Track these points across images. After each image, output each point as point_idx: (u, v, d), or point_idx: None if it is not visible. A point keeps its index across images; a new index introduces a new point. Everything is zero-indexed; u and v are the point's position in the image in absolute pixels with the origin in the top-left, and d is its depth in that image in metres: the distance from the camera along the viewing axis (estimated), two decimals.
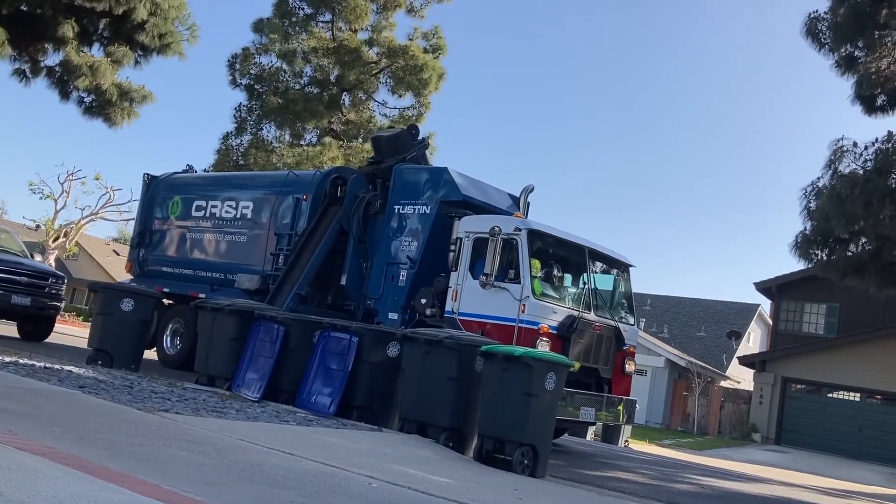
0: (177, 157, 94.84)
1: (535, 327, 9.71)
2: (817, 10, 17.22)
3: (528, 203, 11.59)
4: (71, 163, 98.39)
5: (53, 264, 31.92)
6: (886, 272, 15.43)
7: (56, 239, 36.46)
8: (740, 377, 34.26)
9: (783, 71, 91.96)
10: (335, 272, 12.20)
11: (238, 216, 13.52)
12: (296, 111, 24.54)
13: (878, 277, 15.45)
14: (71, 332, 20.10)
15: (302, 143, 25.56)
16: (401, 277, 11.32)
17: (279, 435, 6.76)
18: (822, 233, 15.39)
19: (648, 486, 9.64)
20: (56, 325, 14.66)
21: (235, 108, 25.86)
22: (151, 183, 15.46)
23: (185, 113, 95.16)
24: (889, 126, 20.73)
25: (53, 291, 13.49)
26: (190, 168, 16.33)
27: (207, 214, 14.04)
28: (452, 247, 10.63)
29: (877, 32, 16.66)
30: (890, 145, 16.27)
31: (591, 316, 10.42)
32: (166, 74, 79.19)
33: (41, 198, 37.18)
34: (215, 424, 6.65)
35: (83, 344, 11.88)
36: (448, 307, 10.46)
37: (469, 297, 10.28)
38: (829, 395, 25.72)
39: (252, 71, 25.37)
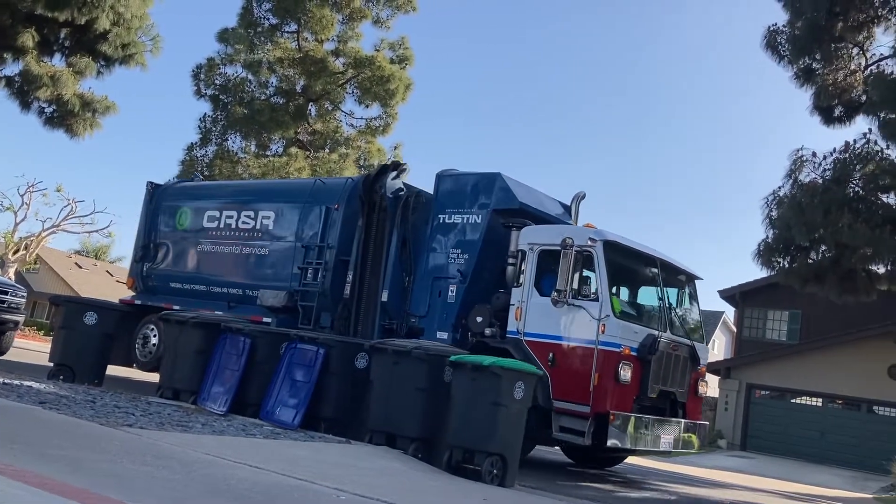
0: (140, 168, 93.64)
1: (617, 350, 8.86)
2: (776, 24, 17.61)
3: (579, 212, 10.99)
4: (32, 174, 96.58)
5: (13, 277, 31.30)
6: (845, 279, 15.76)
7: (16, 251, 35.77)
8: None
9: (748, 81, 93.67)
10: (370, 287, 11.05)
11: (258, 227, 12.39)
12: (261, 121, 24.41)
13: (837, 284, 15.79)
14: (31, 346, 19.70)
15: (268, 153, 25.42)
16: (449, 293, 10.28)
17: (246, 448, 6.68)
18: (783, 241, 15.70)
19: (617, 494, 9.71)
20: (15, 339, 14.35)
21: (200, 119, 25.67)
22: (155, 192, 14.21)
23: (148, 124, 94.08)
24: (847, 136, 21.21)
25: (13, 305, 13.22)
26: (196, 177, 15.58)
27: (222, 225, 12.85)
28: (511, 260, 9.80)
29: (833, 45, 17.07)
30: (847, 155, 16.65)
31: (668, 335, 9.62)
32: (129, 85, 78.29)
33: (0, 210, 36.54)
34: (180, 439, 6.55)
35: (44, 359, 11.63)
36: (511, 327, 9.52)
37: (536, 315, 9.37)
38: (793, 400, 26.11)
39: (217, 81, 25.20)
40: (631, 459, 17.42)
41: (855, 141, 16.74)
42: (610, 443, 8.63)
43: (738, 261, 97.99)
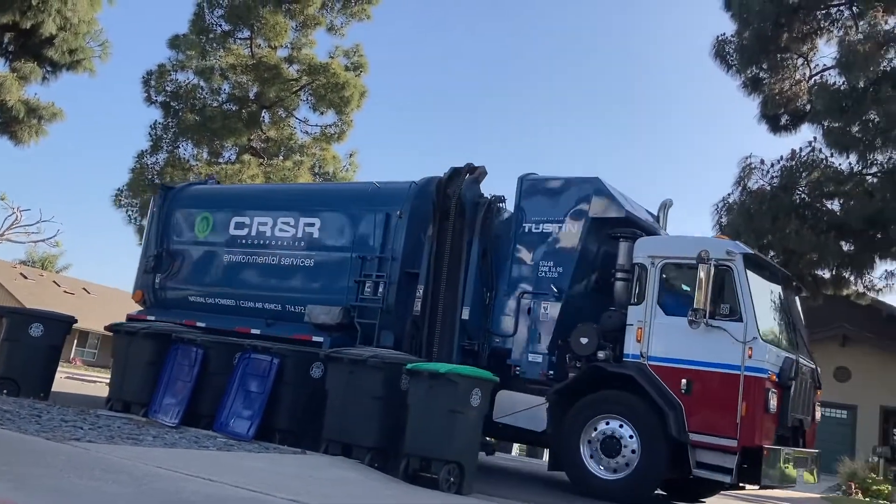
0: (88, 176, 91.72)
1: (765, 375, 8.01)
2: (724, 33, 18.02)
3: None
4: None
5: None
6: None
7: None
8: None
9: (698, 88, 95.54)
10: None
11: (300, 236, 11.11)
12: (214, 129, 24.09)
13: None
14: None
15: (220, 160, 25.08)
16: (542, 311, 9.29)
17: (198, 461, 6.55)
18: None
19: (575, 497, 9.75)
20: None
21: (151, 126, 25.20)
22: (167, 196, 12.83)
23: (97, 131, 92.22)
24: (793, 144, 21.75)
25: None
26: (212, 180, 14.51)
27: (253, 233, 11.52)
28: (621, 274, 8.97)
29: (779, 55, 17.56)
30: (794, 163, 17.12)
31: (800, 357, 8.83)
32: (77, 91, 76.69)
33: None
34: (131, 452, 6.40)
35: None
36: (631, 349, 8.56)
37: (663, 337, 8.44)
38: None
39: (168, 88, 24.81)
40: None
41: (801, 149, 17.25)
42: (764, 482, 7.97)
43: None
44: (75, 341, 43.54)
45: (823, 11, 17.25)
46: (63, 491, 4.47)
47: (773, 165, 17.25)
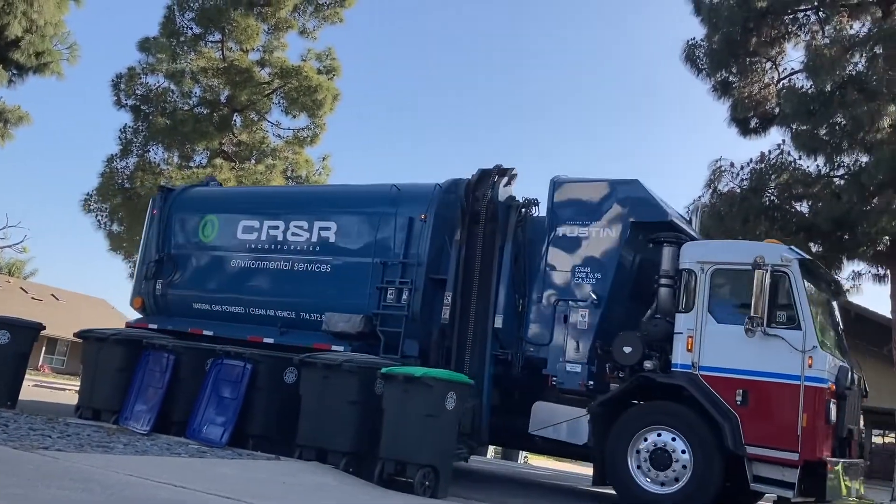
0: (57, 181, 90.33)
1: (825, 385, 7.74)
2: (695, 38, 18.23)
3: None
4: None
5: None
6: None
7: None
8: None
9: (671, 95, 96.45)
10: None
11: (315, 240, 10.69)
12: (185, 132, 23.84)
13: None
14: None
15: (191, 164, 24.83)
16: (580, 318, 8.98)
17: (170, 468, 6.48)
18: None
19: (548, 499, 9.78)
20: None
21: (120, 130, 24.87)
22: (168, 198, 12.31)
23: (65, 135, 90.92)
24: (762, 147, 22.06)
25: None
26: (213, 181, 14.06)
27: (264, 238, 11.08)
28: (666, 280, 8.69)
29: (748, 59, 17.80)
30: (763, 165, 17.34)
31: (847, 365, 8.50)
32: (44, 94, 75.63)
33: None
34: (101, 460, 6.30)
35: None
36: (680, 359, 8.25)
37: (715, 346, 8.14)
38: None
39: (138, 91, 24.51)
40: (559, 465, 17.56)
41: (770, 151, 17.49)
42: (829, 496, 7.69)
43: None
44: (44, 348, 42.86)
45: (791, 16, 17.51)
46: (31, 500, 4.39)
47: (742, 168, 17.48)
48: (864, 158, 15.91)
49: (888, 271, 16.70)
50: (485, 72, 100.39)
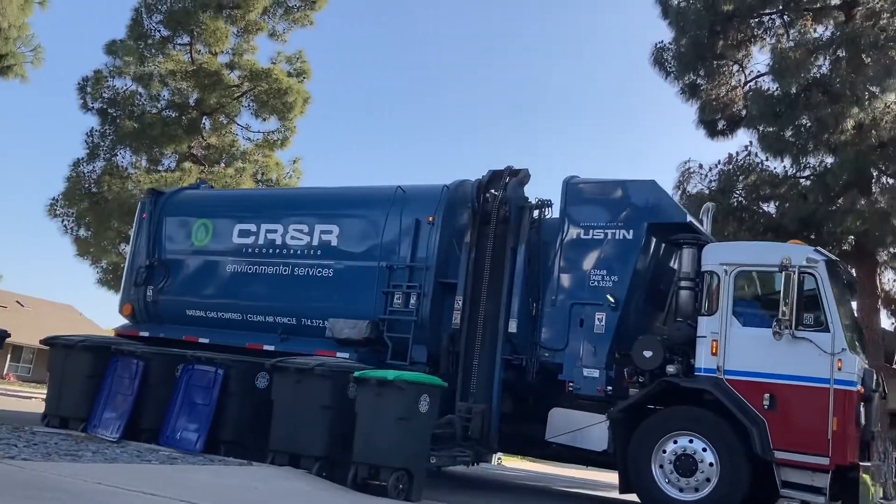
0: (23, 185, 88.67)
1: (854, 388, 7.61)
2: (663, 41, 18.43)
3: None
4: None
5: None
6: None
7: None
8: None
9: (643, 97, 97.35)
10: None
11: (315, 244, 10.41)
12: (153, 136, 23.57)
13: None
14: None
15: (160, 168, 24.56)
16: (597, 322, 8.77)
17: (140, 475, 6.39)
18: None
19: (523, 500, 9.80)
20: None
21: (87, 133, 24.54)
22: (157, 201, 12.00)
23: (30, 139, 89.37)
24: (730, 149, 22.32)
25: None
26: (204, 184, 13.71)
27: (261, 242, 10.80)
28: (686, 283, 8.53)
29: (715, 62, 18.02)
30: (731, 167, 17.57)
31: (874, 367, 8.35)
32: (8, 97, 74.34)
33: None
34: (69, 469, 6.20)
35: None
36: (704, 363, 8.10)
37: (741, 349, 7.99)
38: None
39: (105, 94, 24.19)
40: (532, 466, 17.61)
41: (737, 153, 17.73)
42: (861, 501, 7.60)
43: None
44: (9, 356, 42.13)
45: (756, 20, 17.76)
46: None
47: (711, 169, 17.70)
48: (829, 159, 16.21)
49: (854, 270, 17.00)
50: (456, 73, 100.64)
